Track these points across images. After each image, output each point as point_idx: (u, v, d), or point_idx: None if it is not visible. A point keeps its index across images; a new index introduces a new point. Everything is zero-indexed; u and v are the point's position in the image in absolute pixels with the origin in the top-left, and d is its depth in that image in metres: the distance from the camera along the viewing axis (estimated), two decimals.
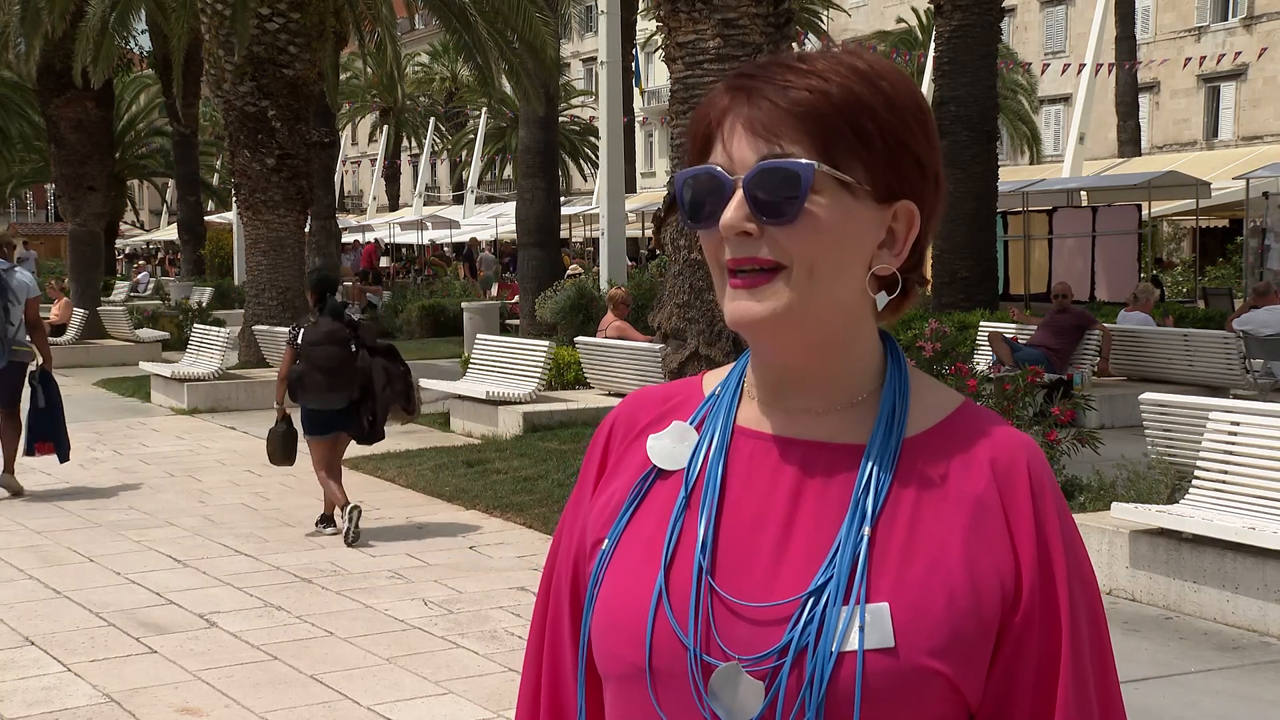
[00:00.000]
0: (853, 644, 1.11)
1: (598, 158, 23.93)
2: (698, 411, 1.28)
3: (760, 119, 1.16)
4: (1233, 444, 6.62)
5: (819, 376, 1.22)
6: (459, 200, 48.42)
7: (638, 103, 38.03)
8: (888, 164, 1.17)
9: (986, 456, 1.20)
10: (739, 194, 1.16)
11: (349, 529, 8.03)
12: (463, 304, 21.46)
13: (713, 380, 1.31)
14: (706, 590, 1.16)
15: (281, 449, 8.60)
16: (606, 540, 1.24)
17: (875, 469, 1.18)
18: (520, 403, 12.11)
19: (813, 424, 1.22)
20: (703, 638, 1.15)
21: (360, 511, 8.14)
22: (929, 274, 16.76)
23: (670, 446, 1.26)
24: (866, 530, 1.15)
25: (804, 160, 1.14)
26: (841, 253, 1.17)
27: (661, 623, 1.16)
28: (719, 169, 1.17)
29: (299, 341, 8.20)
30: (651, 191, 38.21)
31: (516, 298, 23.13)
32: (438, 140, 52.84)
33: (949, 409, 1.24)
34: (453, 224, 40.29)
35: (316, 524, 8.51)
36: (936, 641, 1.12)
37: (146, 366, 15.98)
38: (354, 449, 8.95)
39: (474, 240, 36.24)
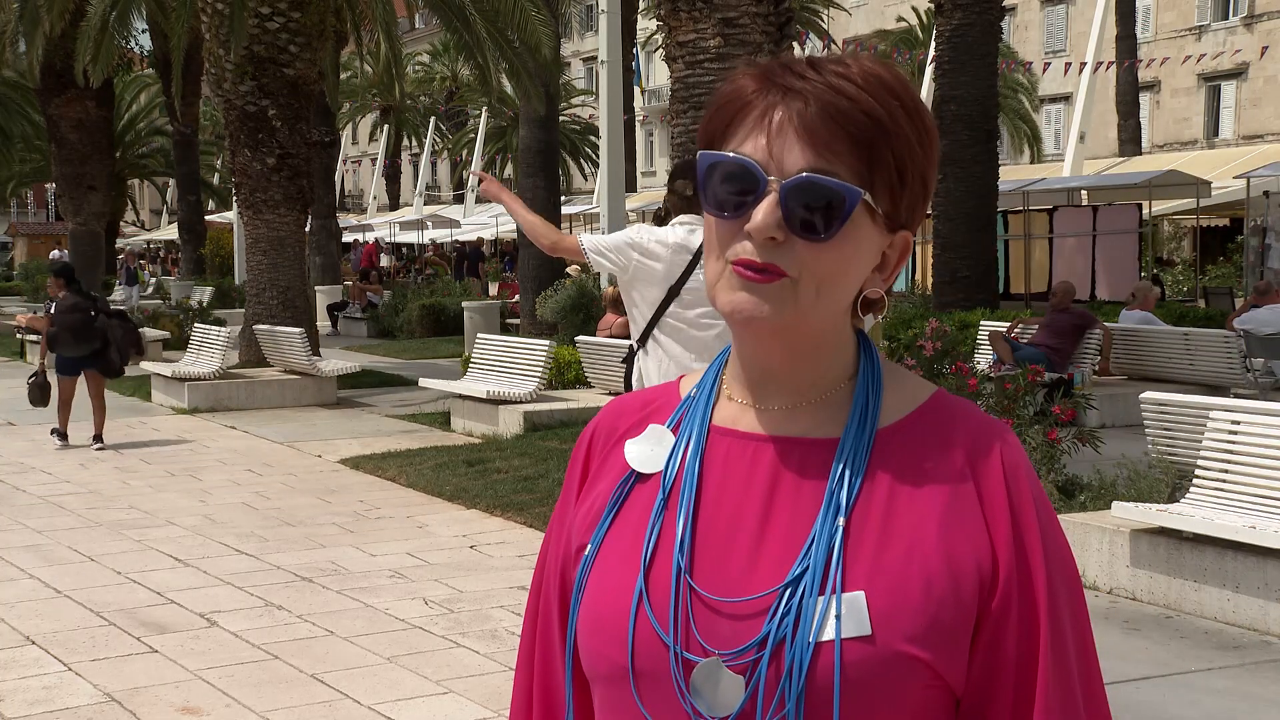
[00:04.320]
0: (830, 633, 1.12)
1: (598, 157, 23.93)
2: (674, 414, 1.29)
3: (812, 124, 1.14)
4: (1233, 443, 6.62)
5: (797, 376, 1.23)
6: (459, 199, 48.44)
7: (638, 102, 38.03)
8: (910, 200, 1.18)
9: (960, 443, 1.20)
10: (773, 197, 1.14)
11: (96, 444, 11.79)
12: (463, 304, 21.46)
13: (689, 383, 1.32)
14: (685, 588, 1.17)
15: (37, 396, 12.05)
16: (589, 545, 1.25)
17: (849, 461, 1.19)
18: (521, 402, 12.11)
19: (787, 420, 1.23)
20: (683, 635, 1.16)
21: (102, 440, 11.86)
22: (930, 274, 16.78)
23: (647, 450, 1.26)
24: (841, 521, 1.16)
25: (853, 186, 1.14)
26: (849, 275, 1.18)
27: (642, 623, 1.17)
28: (755, 164, 1.15)
29: (53, 312, 11.77)
30: (652, 191, 38.21)
31: (517, 297, 23.13)
32: (438, 139, 52.85)
33: (922, 399, 1.24)
34: (453, 223, 40.31)
35: (92, 444, 11.84)
36: (915, 628, 1.12)
37: (147, 366, 15.94)
38: (350, 445, 8.95)
39: (480, 240, 36.25)
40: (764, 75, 1.18)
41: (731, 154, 1.16)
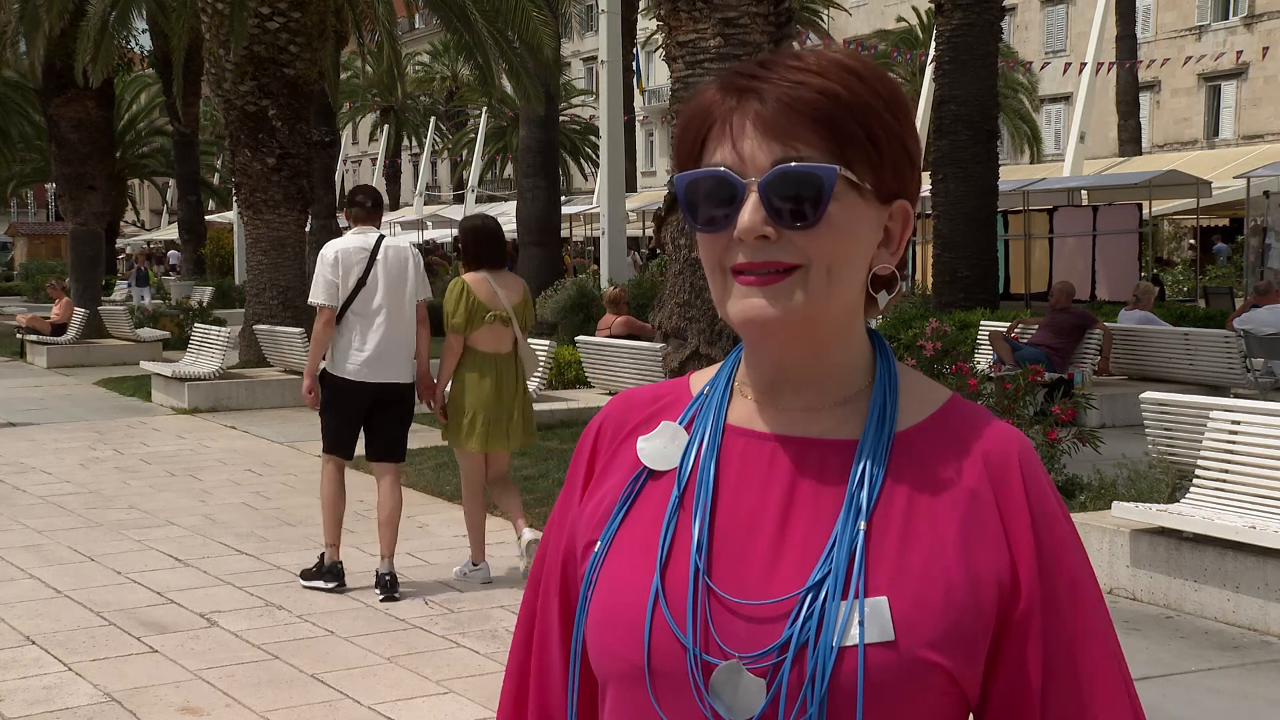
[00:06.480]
0: (853, 638, 1.11)
1: (598, 157, 23.93)
2: (687, 411, 1.27)
3: (772, 119, 1.14)
4: (1233, 443, 6.62)
5: (814, 374, 1.22)
6: (460, 199, 48.41)
7: (638, 102, 37.99)
8: (892, 166, 1.18)
9: (978, 449, 1.20)
10: (754, 197, 1.14)
11: None
12: None
13: (700, 380, 1.31)
14: (704, 590, 1.16)
15: None
16: (599, 542, 1.23)
17: (869, 463, 1.18)
18: None
19: (804, 421, 1.22)
20: (701, 637, 1.14)
21: None
22: (930, 274, 16.78)
23: (661, 447, 1.25)
24: (862, 524, 1.15)
25: (827, 165, 1.14)
26: (854, 254, 1.17)
27: (659, 623, 1.16)
28: (729, 171, 1.15)
29: None
30: (652, 191, 38.21)
31: None
32: (438, 140, 52.84)
33: (938, 404, 1.24)
34: (453, 223, 40.28)
35: None
36: (935, 634, 1.12)
37: (147, 366, 15.98)
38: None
39: None
40: (722, 84, 1.19)
41: (705, 168, 1.17)
